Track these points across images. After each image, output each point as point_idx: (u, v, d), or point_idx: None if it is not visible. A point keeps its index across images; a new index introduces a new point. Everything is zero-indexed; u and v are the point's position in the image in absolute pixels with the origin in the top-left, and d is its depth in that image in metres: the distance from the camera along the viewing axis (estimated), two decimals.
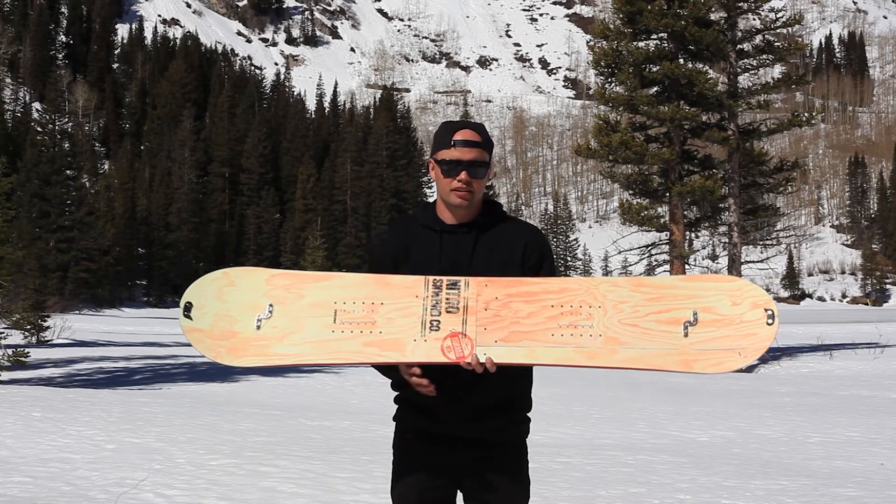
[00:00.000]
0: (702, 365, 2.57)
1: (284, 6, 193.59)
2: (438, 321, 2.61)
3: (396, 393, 2.79)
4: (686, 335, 2.58)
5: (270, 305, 2.70)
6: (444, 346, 2.59)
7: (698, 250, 26.00)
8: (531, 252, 2.72)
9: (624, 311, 2.61)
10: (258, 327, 2.70)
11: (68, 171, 57.16)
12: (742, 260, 23.21)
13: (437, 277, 2.65)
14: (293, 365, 2.73)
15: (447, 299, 2.63)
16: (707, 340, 2.58)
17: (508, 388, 2.71)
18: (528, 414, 2.80)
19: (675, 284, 2.66)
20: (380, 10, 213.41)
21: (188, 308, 2.73)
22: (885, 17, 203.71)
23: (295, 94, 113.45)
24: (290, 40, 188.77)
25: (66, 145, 60.17)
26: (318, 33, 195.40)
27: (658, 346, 2.59)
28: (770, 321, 2.57)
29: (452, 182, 2.69)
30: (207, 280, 2.78)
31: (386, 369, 2.71)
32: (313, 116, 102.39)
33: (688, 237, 23.78)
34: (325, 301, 2.69)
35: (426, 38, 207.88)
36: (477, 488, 2.70)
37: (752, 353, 2.57)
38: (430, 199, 2.86)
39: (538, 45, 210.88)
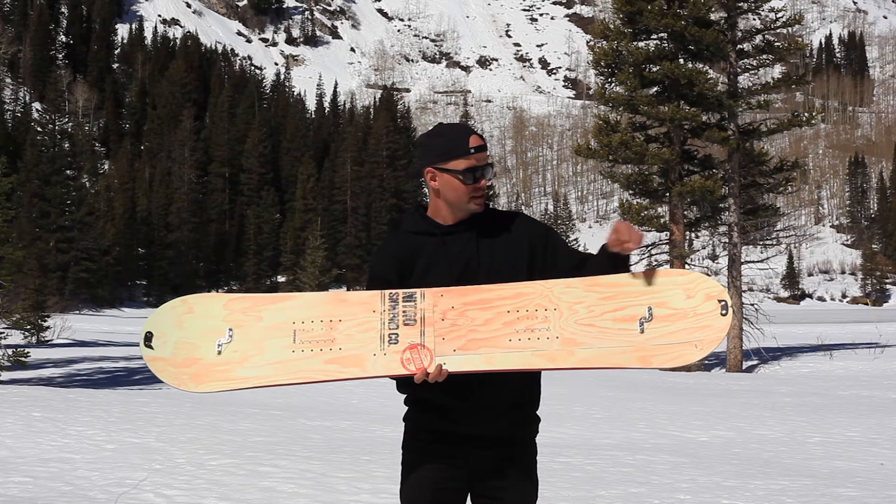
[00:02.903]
0: (660, 360, 2.60)
1: (284, 6, 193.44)
2: (397, 334, 2.64)
3: (405, 394, 2.79)
4: (642, 332, 2.60)
5: (230, 330, 2.72)
6: (403, 359, 2.62)
7: (698, 250, 26.02)
8: (531, 229, 2.76)
9: (579, 311, 2.63)
10: (219, 352, 2.71)
11: (68, 171, 57.17)
12: (742, 260, 23.21)
13: (394, 291, 2.67)
14: (257, 387, 2.75)
15: (404, 312, 2.65)
16: (663, 335, 2.60)
17: (521, 384, 2.73)
18: (538, 412, 2.81)
19: (629, 281, 2.67)
20: (380, 10, 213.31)
21: (148, 338, 2.72)
22: (885, 17, 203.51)
23: (295, 94, 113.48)
24: (290, 40, 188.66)
25: (66, 145, 60.19)
26: (318, 33, 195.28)
27: (615, 344, 2.61)
28: (724, 311, 2.59)
29: (471, 188, 2.70)
30: (166, 309, 2.78)
31: None
32: (313, 116, 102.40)
33: (688, 237, 23.78)
34: (284, 322, 2.70)
35: (426, 38, 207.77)
36: (489, 488, 2.71)
37: (709, 344, 2.60)
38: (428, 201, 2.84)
39: (538, 45, 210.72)
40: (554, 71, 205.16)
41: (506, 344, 2.62)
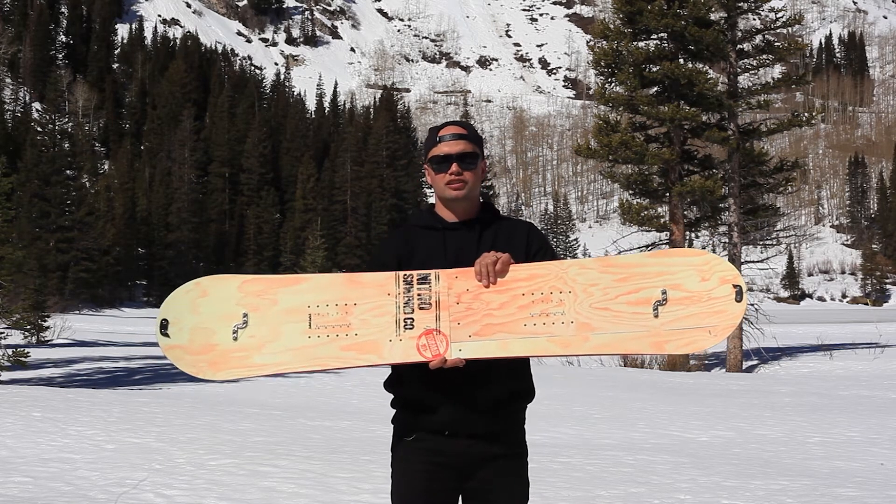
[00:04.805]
0: (674, 346, 2.58)
1: (284, 6, 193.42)
2: (412, 319, 2.61)
3: (393, 394, 2.79)
4: (656, 316, 2.58)
5: (245, 314, 2.69)
6: (419, 345, 2.59)
7: None
8: (533, 239, 2.76)
9: (594, 294, 2.61)
10: (235, 338, 2.68)
11: (68, 171, 57.19)
12: (742, 260, 23.20)
13: (408, 272, 2.64)
14: (275, 374, 2.72)
15: (419, 295, 2.62)
16: (677, 319, 2.58)
17: (508, 380, 2.72)
18: (526, 409, 2.81)
19: (644, 262, 2.64)
20: (380, 10, 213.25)
21: (164, 325, 2.71)
22: (885, 17, 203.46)
23: (295, 94, 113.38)
24: (290, 40, 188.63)
25: (66, 145, 60.21)
26: (318, 33, 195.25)
27: (630, 329, 2.59)
28: (738, 297, 2.57)
29: (445, 176, 2.71)
30: (180, 293, 2.75)
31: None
32: (313, 116, 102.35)
33: (688, 237, 23.76)
34: (299, 306, 2.67)
35: (426, 38, 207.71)
36: (479, 489, 2.70)
37: (723, 330, 2.57)
38: (430, 200, 2.87)
39: (538, 45, 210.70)
40: (554, 71, 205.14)
41: (521, 329, 2.59)
